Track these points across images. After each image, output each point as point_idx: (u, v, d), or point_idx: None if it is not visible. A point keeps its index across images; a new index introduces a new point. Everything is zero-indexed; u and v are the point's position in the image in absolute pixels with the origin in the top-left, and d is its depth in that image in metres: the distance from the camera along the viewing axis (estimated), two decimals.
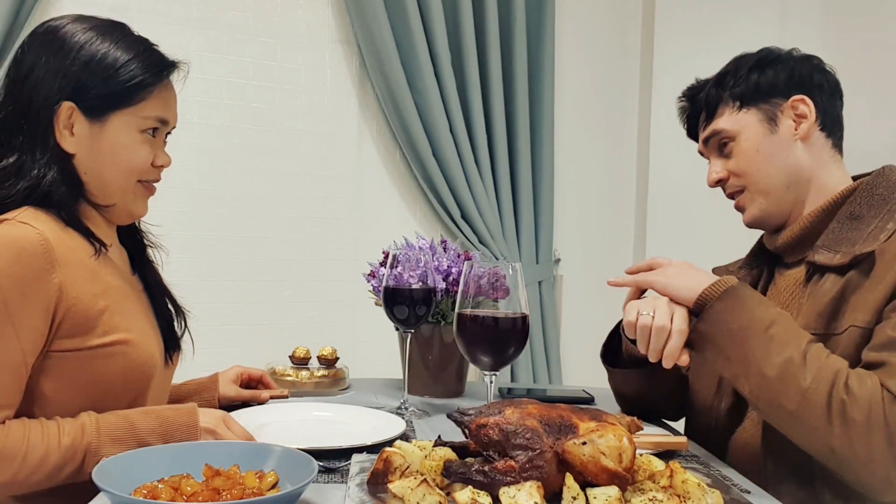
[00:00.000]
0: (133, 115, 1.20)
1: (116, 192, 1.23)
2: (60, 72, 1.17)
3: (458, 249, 1.66)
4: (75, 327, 1.12)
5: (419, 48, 2.73)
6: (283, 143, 2.75)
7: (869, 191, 1.25)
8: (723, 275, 1.47)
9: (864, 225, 1.21)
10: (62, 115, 1.17)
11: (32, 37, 1.21)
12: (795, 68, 1.33)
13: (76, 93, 1.17)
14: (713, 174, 1.38)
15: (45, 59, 1.17)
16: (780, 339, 1.11)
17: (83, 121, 1.18)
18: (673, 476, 0.91)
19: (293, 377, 1.68)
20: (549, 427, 0.92)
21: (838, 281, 1.19)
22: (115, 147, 1.20)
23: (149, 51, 1.23)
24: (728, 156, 1.35)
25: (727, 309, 1.16)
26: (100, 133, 1.19)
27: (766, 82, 1.32)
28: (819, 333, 1.17)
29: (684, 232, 3.03)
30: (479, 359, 1.18)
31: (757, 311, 1.15)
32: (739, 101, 1.33)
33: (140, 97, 1.20)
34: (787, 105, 1.31)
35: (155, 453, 0.99)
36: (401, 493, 0.88)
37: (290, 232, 2.76)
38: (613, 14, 3.24)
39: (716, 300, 1.18)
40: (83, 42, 1.18)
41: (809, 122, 1.30)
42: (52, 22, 1.22)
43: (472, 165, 2.85)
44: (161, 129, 1.26)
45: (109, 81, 1.18)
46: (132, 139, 1.21)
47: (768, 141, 1.31)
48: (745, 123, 1.32)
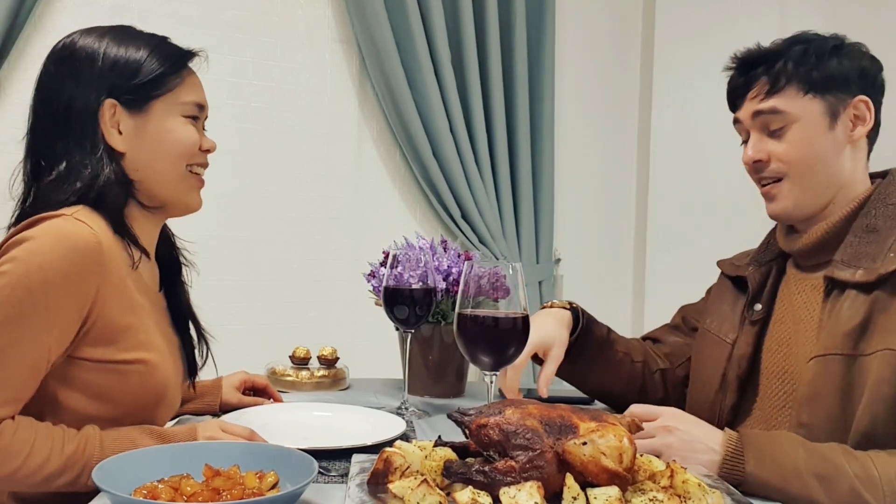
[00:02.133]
0: (172, 102, 1.23)
1: (170, 182, 1.24)
2: (92, 79, 1.19)
3: (459, 249, 1.66)
4: (101, 337, 1.12)
5: (419, 47, 2.73)
6: (283, 142, 2.75)
7: (883, 200, 1.24)
8: (727, 268, 1.47)
9: (882, 238, 1.19)
10: (106, 115, 1.19)
11: (52, 57, 1.23)
12: (866, 66, 1.27)
13: (113, 91, 1.19)
14: (755, 153, 1.29)
15: (72, 72, 1.20)
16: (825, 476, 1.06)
17: (126, 115, 1.21)
18: (673, 476, 0.91)
19: (293, 377, 1.68)
20: (550, 427, 0.91)
21: (862, 300, 1.16)
22: (161, 133, 1.22)
23: (164, 43, 1.26)
24: (778, 138, 1.27)
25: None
26: (145, 124, 1.21)
27: (841, 72, 1.25)
28: (846, 354, 1.15)
29: (684, 232, 3.03)
30: (480, 359, 1.18)
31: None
32: (809, 86, 1.25)
33: (173, 83, 1.23)
34: (851, 103, 1.26)
35: (155, 453, 0.99)
36: (401, 493, 0.88)
37: (290, 231, 2.76)
38: (614, 14, 3.24)
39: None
40: (102, 48, 1.20)
41: (866, 128, 1.26)
42: (65, 39, 1.24)
43: (473, 165, 2.85)
44: (200, 116, 1.29)
45: (139, 74, 1.20)
46: (176, 123, 1.24)
47: (825, 137, 1.26)
48: (808, 111, 1.25)
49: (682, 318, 1.59)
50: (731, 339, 1.37)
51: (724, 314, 1.41)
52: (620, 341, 1.55)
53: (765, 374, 1.31)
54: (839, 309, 1.18)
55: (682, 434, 1.12)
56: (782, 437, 1.11)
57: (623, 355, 1.52)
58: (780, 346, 1.30)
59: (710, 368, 1.39)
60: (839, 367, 1.15)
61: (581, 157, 3.19)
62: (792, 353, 1.27)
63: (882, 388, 1.11)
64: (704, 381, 1.40)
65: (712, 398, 1.37)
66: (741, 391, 1.33)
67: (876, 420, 1.11)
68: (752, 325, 1.34)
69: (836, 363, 1.15)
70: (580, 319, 1.48)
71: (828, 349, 1.16)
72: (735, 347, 1.35)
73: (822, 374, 1.16)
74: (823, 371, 1.16)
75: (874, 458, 1.05)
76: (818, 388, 1.16)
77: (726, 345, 1.37)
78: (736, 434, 1.11)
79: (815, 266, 1.29)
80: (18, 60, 2.37)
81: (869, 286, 1.16)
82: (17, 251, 1.07)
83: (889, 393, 1.10)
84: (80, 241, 1.09)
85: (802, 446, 1.08)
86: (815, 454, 1.07)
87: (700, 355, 1.45)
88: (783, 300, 1.33)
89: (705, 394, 1.39)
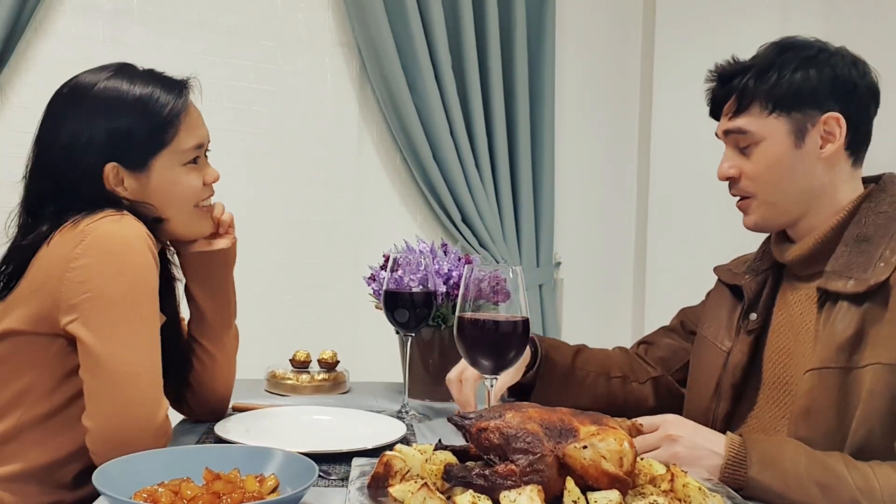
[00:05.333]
0: (172, 154, 1.25)
1: (178, 223, 1.28)
2: (92, 131, 1.20)
3: (459, 253, 1.66)
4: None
5: (419, 51, 2.73)
6: (283, 146, 2.75)
7: (873, 208, 1.23)
8: (724, 275, 1.46)
9: (873, 247, 1.18)
10: (110, 177, 1.22)
11: (54, 102, 1.25)
12: (840, 73, 1.23)
13: (114, 149, 1.21)
14: (726, 169, 1.30)
15: (72, 122, 1.21)
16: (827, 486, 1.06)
17: (129, 175, 1.23)
18: (674, 480, 0.90)
19: (293, 381, 1.67)
20: (550, 431, 0.91)
21: (854, 311, 1.15)
22: (165, 185, 1.25)
23: (160, 78, 1.27)
24: (747, 156, 1.28)
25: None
26: (147, 181, 1.24)
27: (808, 87, 1.23)
28: (841, 367, 1.14)
29: (685, 234, 3.03)
30: (480, 362, 1.18)
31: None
32: (773, 104, 1.24)
33: (172, 133, 1.24)
34: (819, 119, 1.23)
35: (155, 457, 0.99)
36: (401, 496, 0.87)
37: (290, 235, 2.76)
38: (614, 16, 3.24)
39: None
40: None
41: (836, 145, 1.24)
42: (70, 82, 1.25)
43: (473, 168, 2.85)
44: (201, 154, 1.30)
45: (142, 121, 1.22)
46: (178, 175, 1.26)
47: (791, 155, 1.24)
48: (772, 131, 1.24)
49: (681, 321, 1.58)
50: (727, 347, 1.36)
51: (721, 321, 1.40)
52: (592, 360, 1.53)
53: (765, 383, 1.31)
54: (833, 321, 1.17)
55: (686, 441, 1.11)
56: (786, 444, 1.11)
57: (595, 376, 1.51)
58: (781, 356, 1.29)
59: (706, 375, 1.38)
60: (834, 380, 1.14)
61: (581, 160, 3.19)
62: (792, 363, 1.27)
63: (875, 401, 1.10)
64: (700, 387, 1.40)
65: (706, 405, 1.37)
66: (735, 399, 1.33)
67: (871, 433, 1.11)
68: (748, 335, 1.33)
69: (832, 376, 1.15)
70: (538, 351, 1.47)
71: (823, 362, 1.16)
72: (730, 355, 1.34)
73: (818, 388, 1.15)
74: (819, 384, 1.15)
75: (875, 470, 1.05)
76: (814, 402, 1.16)
77: (722, 352, 1.36)
78: (739, 438, 1.11)
79: (810, 276, 1.28)
80: (19, 65, 2.37)
81: (860, 297, 1.16)
82: (109, 241, 1.13)
83: (882, 407, 1.10)
84: (147, 242, 1.17)
85: (805, 454, 1.08)
86: (818, 462, 1.06)
87: (697, 361, 1.44)
88: (781, 309, 1.32)
89: (700, 400, 1.39)
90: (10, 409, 1.17)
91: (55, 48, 2.42)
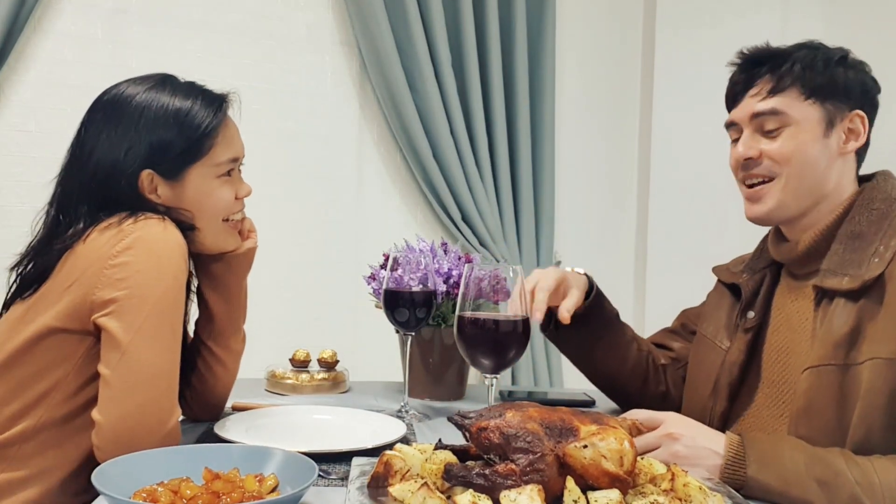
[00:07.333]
0: (207, 166, 1.26)
1: (207, 236, 1.29)
2: (131, 141, 1.22)
3: (459, 252, 1.66)
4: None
5: (420, 50, 2.73)
6: (283, 145, 2.74)
7: (867, 205, 1.24)
8: (723, 274, 1.47)
9: (867, 244, 1.19)
10: (145, 183, 1.23)
11: (95, 108, 1.25)
12: (867, 79, 1.29)
13: (151, 158, 1.22)
14: (746, 149, 1.28)
15: (111, 130, 1.22)
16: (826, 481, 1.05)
17: (163, 183, 1.24)
18: (674, 479, 0.90)
19: (293, 380, 1.67)
20: (550, 430, 0.91)
21: (850, 308, 1.16)
22: (197, 197, 1.26)
23: (201, 91, 1.29)
24: (772, 138, 1.27)
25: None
26: (182, 190, 1.25)
27: (846, 84, 1.26)
28: (837, 364, 1.15)
29: (686, 233, 3.03)
30: (480, 362, 1.18)
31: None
32: (811, 91, 1.25)
33: (209, 145, 1.26)
34: (848, 116, 1.26)
35: (155, 456, 0.99)
36: (401, 496, 0.87)
37: (290, 234, 2.75)
38: (614, 14, 3.24)
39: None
40: (145, 104, 1.23)
41: (858, 143, 1.27)
42: (112, 91, 1.26)
43: (473, 167, 2.85)
44: (235, 167, 1.32)
45: (180, 134, 1.23)
46: (211, 186, 1.27)
47: (819, 145, 1.25)
48: (806, 116, 1.25)
49: (682, 323, 1.59)
50: (726, 345, 1.37)
51: (720, 320, 1.41)
52: (629, 327, 1.56)
53: (764, 382, 1.31)
54: (830, 318, 1.18)
55: (687, 440, 1.11)
56: (784, 442, 1.11)
57: (630, 339, 1.53)
58: (780, 355, 1.30)
59: (704, 373, 1.39)
60: (833, 377, 1.15)
61: (581, 159, 3.19)
62: (790, 361, 1.27)
63: (874, 397, 1.11)
64: (698, 385, 1.41)
65: (703, 403, 1.38)
66: (732, 398, 1.33)
67: (871, 430, 1.11)
68: (746, 333, 1.34)
69: (830, 374, 1.15)
70: (593, 288, 1.49)
71: (821, 360, 1.16)
72: (728, 354, 1.35)
73: (817, 386, 1.16)
74: (817, 382, 1.16)
75: (875, 464, 1.05)
76: (813, 400, 1.16)
77: (720, 351, 1.37)
78: (738, 437, 1.11)
79: (806, 274, 1.29)
80: (18, 63, 2.36)
81: (856, 294, 1.16)
82: (145, 246, 1.13)
83: (881, 402, 1.10)
84: (184, 248, 1.19)
85: (804, 451, 1.08)
86: (817, 459, 1.06)
87: (696, 359, 1.45)
88: (778, 308, 1.33)
89: (697, 398, 1.40)
90: (31, 410, 1.16)
91: (54, 47, 2.42)
